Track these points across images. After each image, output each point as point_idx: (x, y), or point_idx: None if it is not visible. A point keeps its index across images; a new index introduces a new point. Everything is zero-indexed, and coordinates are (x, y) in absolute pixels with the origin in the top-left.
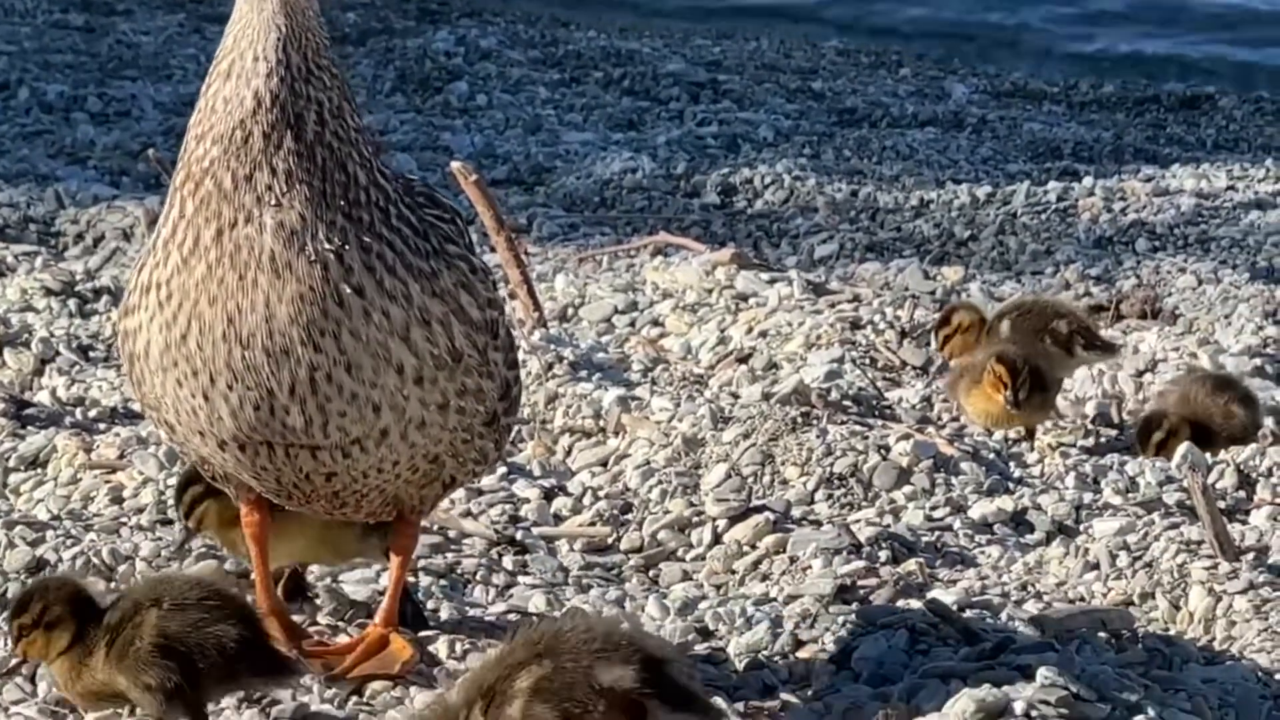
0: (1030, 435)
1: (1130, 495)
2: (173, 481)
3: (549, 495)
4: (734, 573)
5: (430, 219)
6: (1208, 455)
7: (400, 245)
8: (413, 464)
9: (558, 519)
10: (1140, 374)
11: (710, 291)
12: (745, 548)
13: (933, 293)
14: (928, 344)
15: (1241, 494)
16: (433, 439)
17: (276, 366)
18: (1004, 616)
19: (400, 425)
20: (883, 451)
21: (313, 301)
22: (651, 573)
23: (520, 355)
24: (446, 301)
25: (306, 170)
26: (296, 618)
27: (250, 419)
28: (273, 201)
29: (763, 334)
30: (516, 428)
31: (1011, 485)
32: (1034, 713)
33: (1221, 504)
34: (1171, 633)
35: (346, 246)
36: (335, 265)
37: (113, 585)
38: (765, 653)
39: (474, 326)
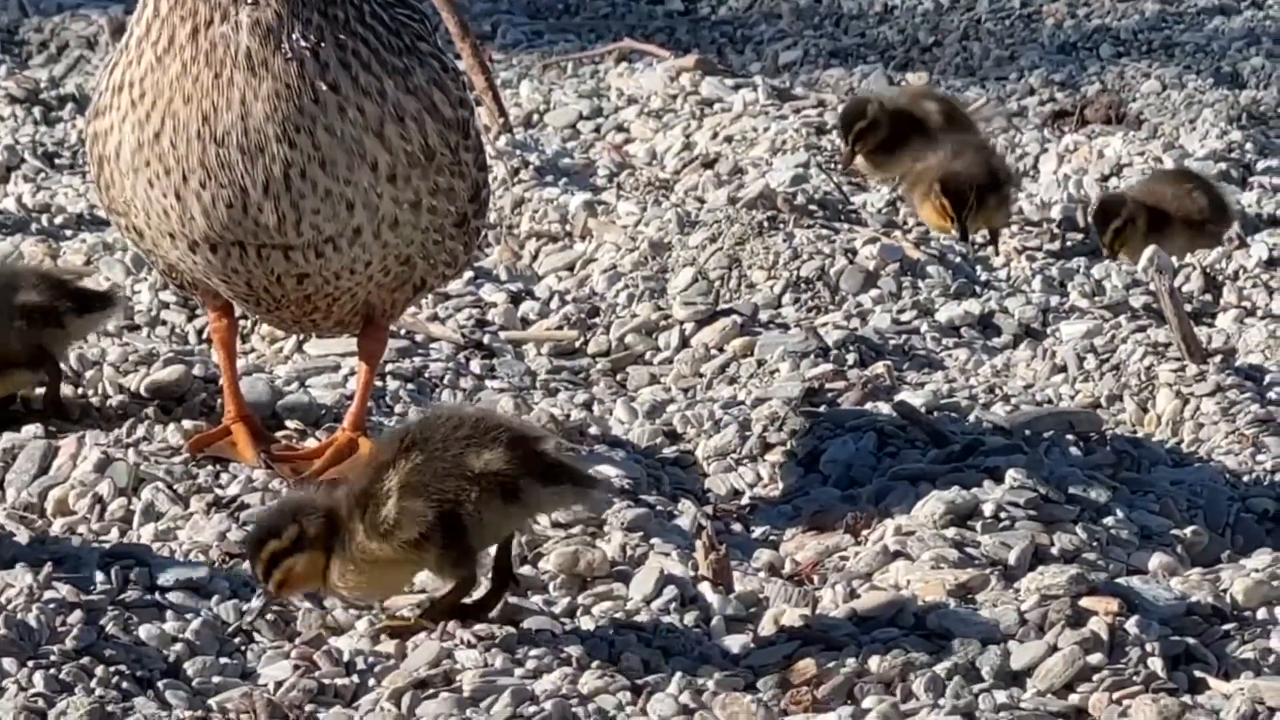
0: (995, 237)
1: (1097, 298)
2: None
3: (516, 299)
4: (701, 376)
5: (401, 18)
6: (1174, 258)
7: (375, 42)
8: (384, 265)
9: (525, 323)
10: (1105, 178)
11: (675, 98)
12: (713, 351)
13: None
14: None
15: (1208, 297)
16: (405, 239)
17: (251, 163)
18: (972, 419)
19: (373, 223)
20: (849, 255)
21: (288, 98)
22: (619, 376)
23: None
24: (420, 98)
25: None
26: None
27: (223, 218)
28: None
29: (728, 139)
30: (484, 232)
31: (978, 289)
32: (1003, 514)
33: (1188, 306)
34: (1139, 435)
35: (322, 44)
36: (311, 62)
37: (79, 391)
38: (733, 455)
39: (446, 124)
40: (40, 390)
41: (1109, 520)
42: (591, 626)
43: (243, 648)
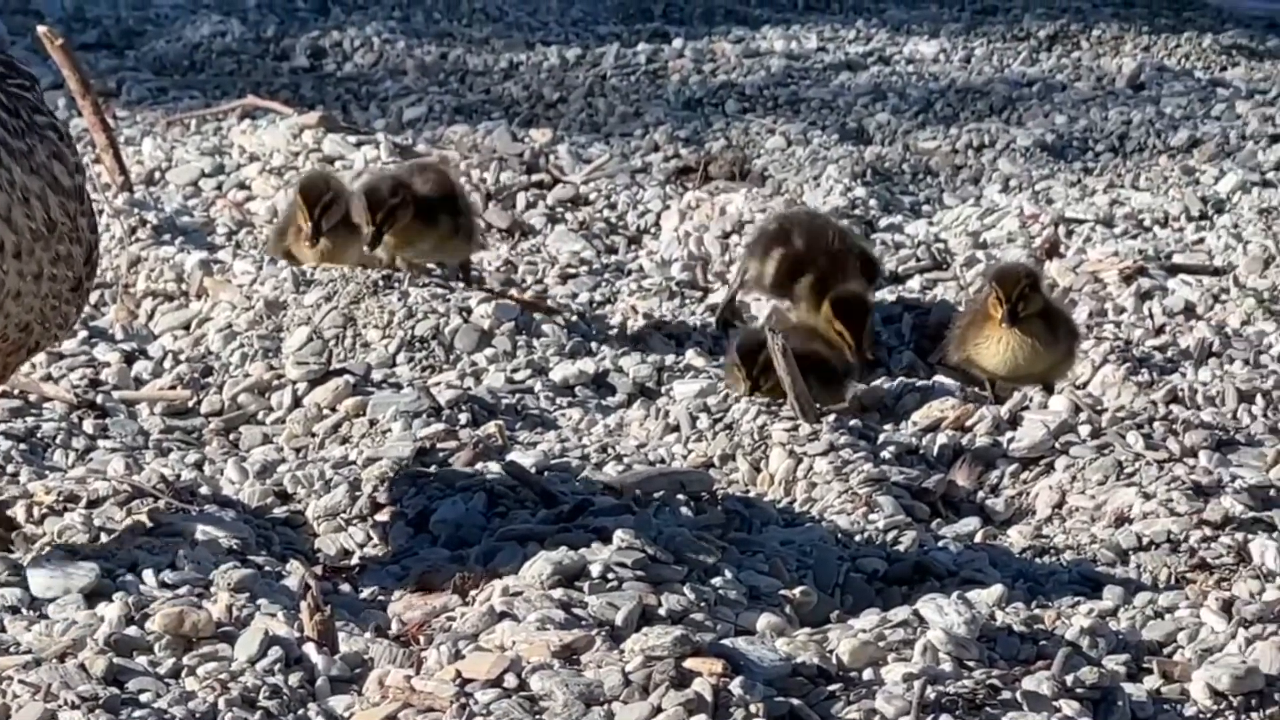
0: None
1: (714, 357)
2: None
3: (130, 359)
4: (314, 435)
5: (14, 90)
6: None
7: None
8: (4, 333)
9: (138, 382)
10: (727, 235)
11: (297, 154)
12: (325, 410)
13: (520, 154)
14: (514, 206)
15: None
16: (26, 308)
17: None
18: (582, 479)
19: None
20: (464, 314)
21: None
22: (232, 436)
23: (104, 220)
24: (42, 175)
25: None
26: None
27: None
28: None
29: None
30: (99, 291)
31: (594, 347)
32: (610, 575)
33: None
34: (751, 494)
35: None
36: None
37: None
38: (344, 515)
39: (66, 194)
40: None
41: (717, 580)
42: (196, 688)
43: None
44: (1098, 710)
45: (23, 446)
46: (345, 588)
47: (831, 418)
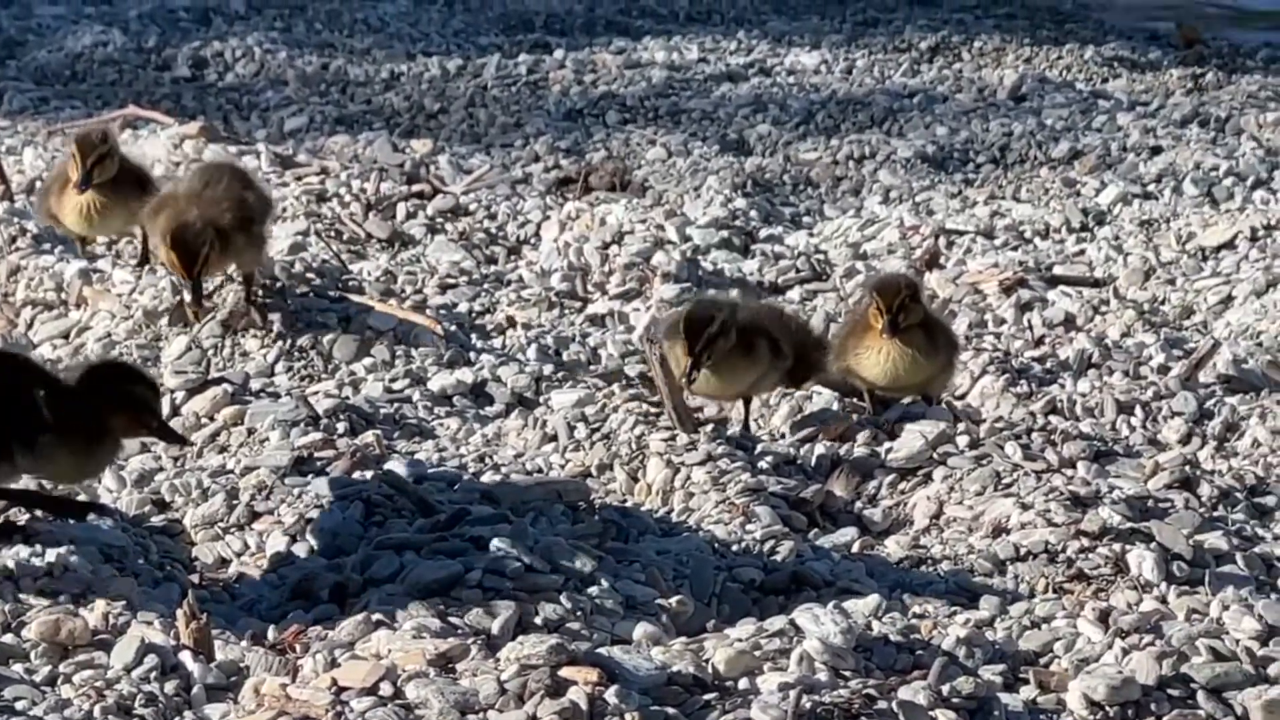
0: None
1: (592, 366)
2: None
3: None
4: (191, 444)
5: None
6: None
7: None
8: None
9: None
10: (607, 246)
11: (179, 165)
12: (204, 419)
13: (401, 165)
14: (394, 216)
15: None
16: None
17: None
18: (460, 488)
19: None
20: (344, 324)
21: None
22: None
23: None
24: None
25: None
26: None
27: None
28: None
29: None
30: None
31: (473, 357)
32: (486, 583)
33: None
34: (629, 504)
35: None
36: None
37: None
38: (221, 524)
39: None
40: None
41: (594, 590)
42: (72, 695)
43: None
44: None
45: None
46: (223, 596)
47: (709, 427)
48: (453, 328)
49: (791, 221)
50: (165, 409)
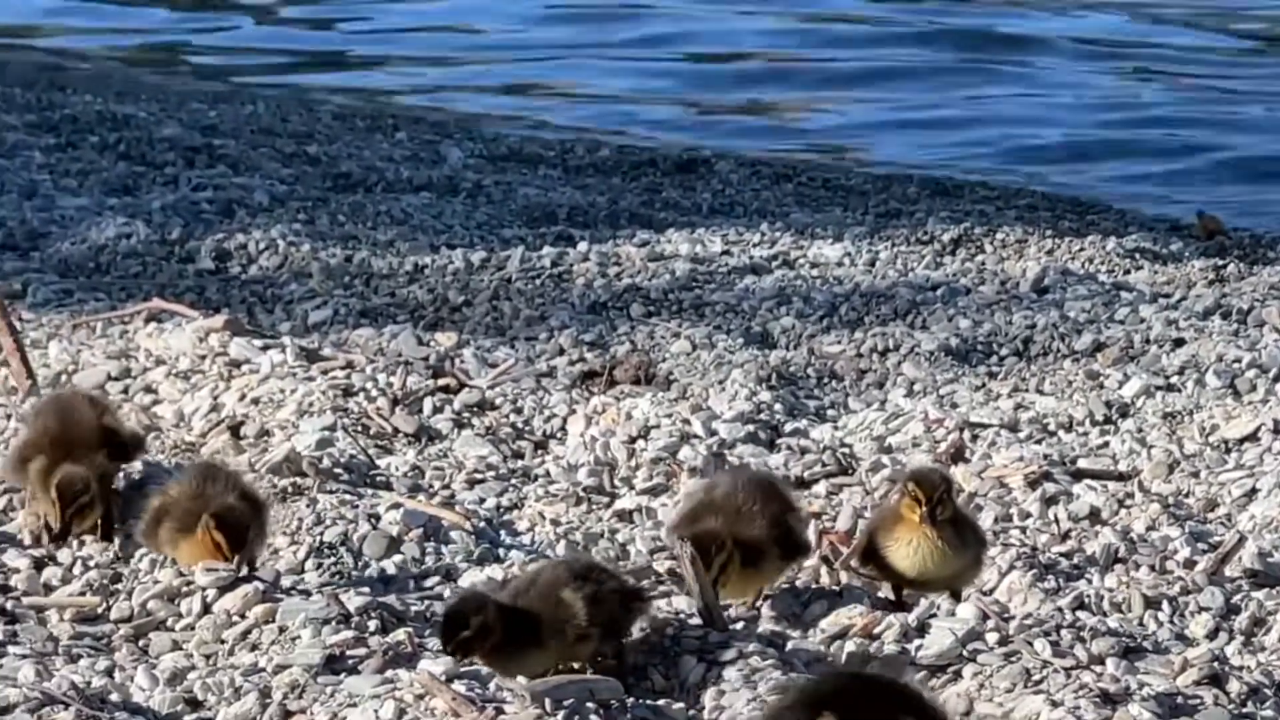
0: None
1: (621, 563)
2: None
3: (39, 565)
4: (223, 642)
5: None
6: None
7: None
8: None
9: (48, 589)
10: (633, 440)
11: (204, 358)
12: (235, 617)
13: (426, 358)
14: (420, 410)
15: None
16: None
17: None
18: (493, 685)
19: None
20: (373, 520)
21: None
22: (141, 642)
23: (10, 423)
24: None
25: None
26: None
27: None
28: None
29: (255, 401)
30: (7, 496)
31: (502, 553)
32: None
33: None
34: (661, 702)
35: None
36: None
37: None
38: None
39: None
40: None
41: None
42: None
43: None
44: None
45: None
46: None
47: (740, 625)
48: (481, 524)
49: (816, 415)
50: (197, 606)
